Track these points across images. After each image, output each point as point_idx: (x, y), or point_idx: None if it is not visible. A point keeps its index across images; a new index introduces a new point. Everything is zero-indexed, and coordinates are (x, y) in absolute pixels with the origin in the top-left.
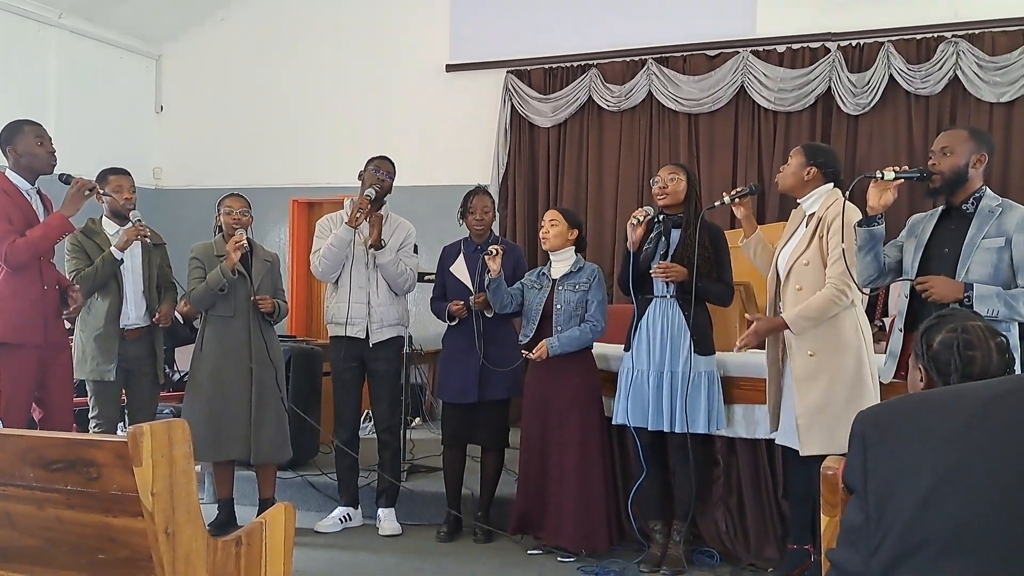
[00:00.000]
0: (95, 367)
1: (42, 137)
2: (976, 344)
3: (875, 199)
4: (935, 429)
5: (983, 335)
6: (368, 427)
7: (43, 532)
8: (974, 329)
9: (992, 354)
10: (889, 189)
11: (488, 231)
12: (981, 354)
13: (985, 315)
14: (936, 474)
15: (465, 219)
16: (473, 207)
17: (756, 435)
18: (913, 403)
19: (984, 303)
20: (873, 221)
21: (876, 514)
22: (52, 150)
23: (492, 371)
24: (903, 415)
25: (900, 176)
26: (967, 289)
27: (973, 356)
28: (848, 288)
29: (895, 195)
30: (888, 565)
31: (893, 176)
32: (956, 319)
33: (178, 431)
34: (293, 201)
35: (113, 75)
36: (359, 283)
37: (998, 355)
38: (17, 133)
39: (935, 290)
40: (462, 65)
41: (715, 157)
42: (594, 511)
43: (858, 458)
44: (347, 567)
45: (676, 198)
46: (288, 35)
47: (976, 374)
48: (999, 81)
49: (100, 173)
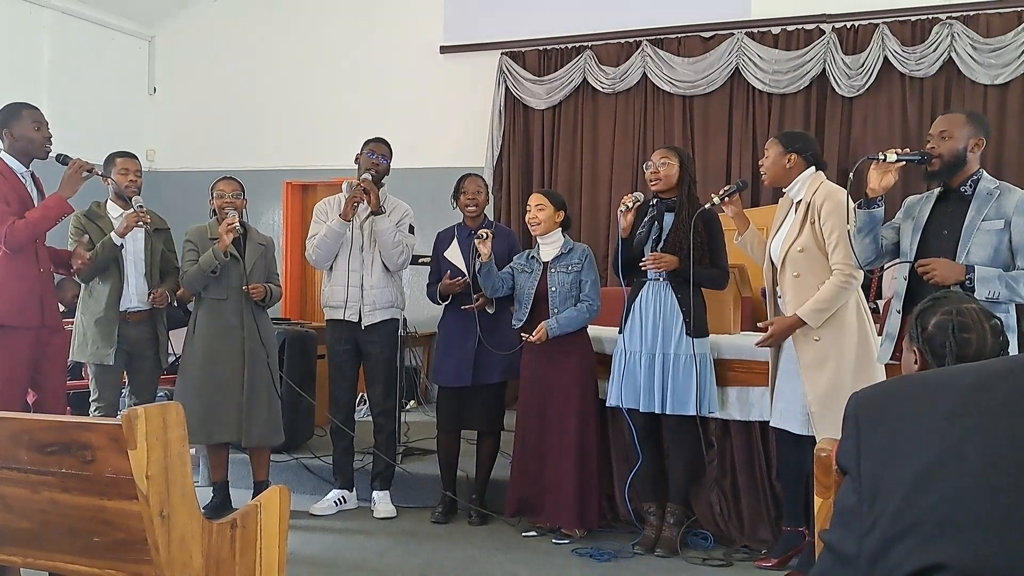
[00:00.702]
0: (95, 351)
1: (39, 122)
2: (971, 326)
3: (876, 181)
4: (929, 410)
5: (978, 317)
6: (363, 410)
7: (38, 515)
8: (968, 311)
9: (987, 336)
10: (890, 171)
11: (482, 214)
12: (976, 336)
13: (986, 297)
14: (929, 455)
15: (457, 201)
16: (465, 188)
17: (750, 417)
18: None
19: (985, 285)
20: (874, 203)
21: (869, 495)
22: (48, 135)
23: (487, 354)
24: (897, 396)
25: (902, 159)
26: (968, 271)
27: (968, 339)
28: (854, 272)
29: (896, 177)
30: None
31: (895, 158)
32: (951, 302)
33: (172, 414)
34: (287, 183)
35: (106, 56)
36: (353, 267)
37: (992, 337)
38: (15, 117)
39: (937, 272)
40: (456, 47)
41: (710, 139)
42: (584, 493)
43: (851, 439)
44: (342, 550)
45: (669, 183)
46: (282, 16)
47: (971, 356)
48: (993, 63)
49: (108, 156)
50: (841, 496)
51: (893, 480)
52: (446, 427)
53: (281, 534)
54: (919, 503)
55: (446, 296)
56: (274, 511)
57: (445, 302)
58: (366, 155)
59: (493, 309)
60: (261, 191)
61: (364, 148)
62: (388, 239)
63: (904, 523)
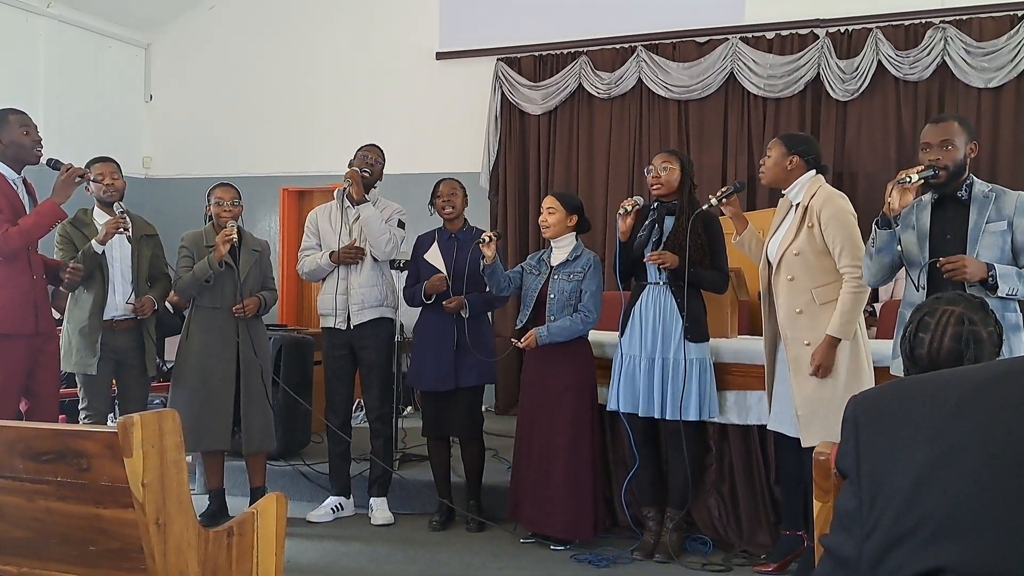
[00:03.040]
0: (79, 360)
1: (27, 126)
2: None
3: (897, 201)
4: (928, 412)
5: (945, 320)
6: (360, 416)
7: (33, 524)
8: (942, 313)
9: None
10: (909, 190)
11: (461, 216)
12: (930, 338)
13: (1007, 293)
14: (929, 457)
15: (434, 205)
16: (440, 191)
17: (748, 421)
18: (906, 386)
19: (1006, 282)
20: (893, 222)
21: (869, 499)
22: (38, 139)
23: (465, 357)
24: (896, 399)
25: (921, 176)
26: (991, 268)
27: (922, 338)
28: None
29: (914, 195)
30: (881, 549)
31: (917, 177)
32: (940, 302)
33: (168, 421)
34: (283, 190)
35: (102, 64)
36: (341, 274)
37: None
38: (2, 123)
39: (968, 269)
40: (452, 53)
41: (705, 143)
42: (582, 499)
43: (850, 443)
44: (339, 557)
45: (670, 187)
46: (278, 23)
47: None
48: (987, 67)
49: (87, 163)
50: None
51: (893, 483)
52: (431, 433)
53: (278, 542)
54: (919, 506)
55: (430, 296)
56: (271, 518)
57: (429, 302)
58: (360, 156)
59: (468, 314)
60: (257, 197)
61: (357, 154)
62: (375, 226)
63: (904, 527)
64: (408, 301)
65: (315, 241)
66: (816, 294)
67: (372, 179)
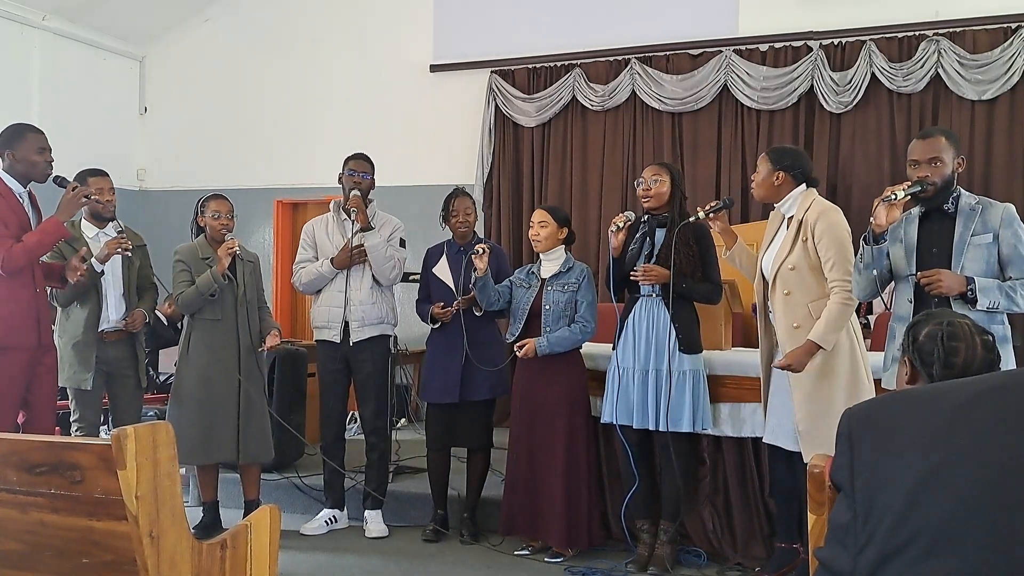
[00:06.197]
0: (72, 375)
1: (44, 148)
2: (960, 336)
3: (883, 217)
4: (922, 426)
5: (968, 331)
6: (354, 428)
7: (26, 536)
8: (960, 324)
9: (976, 348)
10: (896, 207)
11: (471, 232)
12: (964, 345)
13: (987, 307)
14: (923, 471)
15: (448, 222)
16: (455, 210)
17: (742, 433)
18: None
19: (986, 295)
20: (881, 238)
21: (863, 512)
22: (50, 160)
23: (475, 371)
24: (890, 412)
25: (908, 193)
26: (969, 282)
27: (956, 347)
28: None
29: (901, 210)
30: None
31: (903, 194)
32: (944, 315)
33: (162, 433)
34: (277, 202)
35: (97, 77)
36: (340, 287)
37: (983, 351)
38: (19, 138)
39: (944, 282)
40: (446, 65)
41: (699, 156)
42: (578, 511)
43: (845, 456)
44: (333, 570)
45: (660, 200)
46: (272, 36)
47: (959, 364)
48: (980, 79)
49: (79, 174)
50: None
51: (887, 496)
52: (435, 445)
53: (272, 554)
54: (914, 519)
55: (436, 321)
56: (264, 531)
57: (435, 326)
58: (347, 174)
59: (481, 311)
60: (251, 210)
61: (345, 167)
62: (379, 254)
63: (899, 539)
64: (420, 316)
65: (312, 253)
66: (812, 308)
67: (365, 191)
